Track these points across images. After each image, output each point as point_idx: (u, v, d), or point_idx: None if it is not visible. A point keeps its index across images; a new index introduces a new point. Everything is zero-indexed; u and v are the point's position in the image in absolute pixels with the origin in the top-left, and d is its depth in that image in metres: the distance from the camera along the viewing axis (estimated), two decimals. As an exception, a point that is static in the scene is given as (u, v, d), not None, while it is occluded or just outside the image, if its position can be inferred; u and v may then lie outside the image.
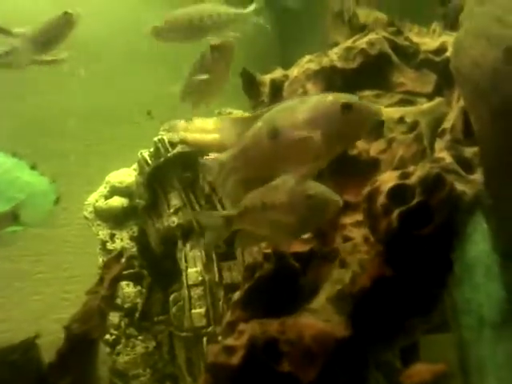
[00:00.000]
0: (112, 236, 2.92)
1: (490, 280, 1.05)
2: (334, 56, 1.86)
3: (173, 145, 2.58)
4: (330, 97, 1.16)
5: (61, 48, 2.21)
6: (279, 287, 1.58)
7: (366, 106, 1.14)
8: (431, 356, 1.63)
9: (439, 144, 1.48)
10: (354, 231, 1.72)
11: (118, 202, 2.93)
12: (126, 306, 2.78)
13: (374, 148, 1.75)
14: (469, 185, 1.34)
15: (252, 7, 1.96)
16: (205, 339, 2.38)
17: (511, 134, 1.13)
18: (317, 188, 1.34)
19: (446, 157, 1.37)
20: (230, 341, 1.42)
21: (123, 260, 2.54)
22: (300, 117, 1.18)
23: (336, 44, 2.08)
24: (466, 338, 1.00)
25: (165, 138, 2.60)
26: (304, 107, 1.18)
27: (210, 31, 1.99)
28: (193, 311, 2.46)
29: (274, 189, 1.36)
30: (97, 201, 2.94)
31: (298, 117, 1.18)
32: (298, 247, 1.76)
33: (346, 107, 1.12)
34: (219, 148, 2.37)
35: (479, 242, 1.11)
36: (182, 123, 2.57)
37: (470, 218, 1.14)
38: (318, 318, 1.45)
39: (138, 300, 2.79)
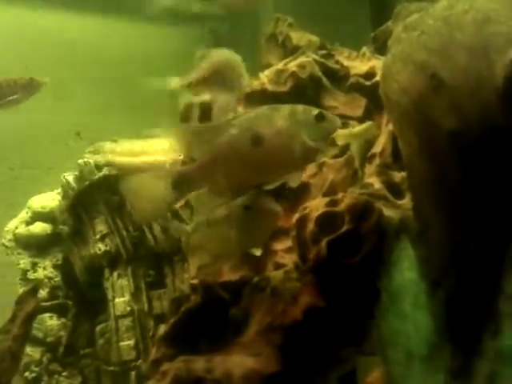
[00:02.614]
0: (34, 265, 2.74)
1: (417, 310, 1.01)
2: (264, 79, 1.82)
3: (99, 168, 2.46)
4: (301, 107, 1.23)
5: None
6: (207, 320, 1.50)
7: (333, 117, 1.24)
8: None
9: (369, 169, 1.46)
10: (286, 257, 1.67)
11: (40, 228, 2.77)
12: (49, 339, 2.60)
13: (305, 172, 1.72)
14: (398, 210, 1.32)
15: None
16: (133, 373, 2.25)
17: (438, 161, 1.12)
18: (256, 198, 1.30)
19: (375, 182, 1.35)
20: (152, 383, 1.31)
21: (43, 293, 2.38)
22: (280, 124, 1.21)
23: (269, 66, 2.06)
24: (394, 374, 0.96)
25: (90, 160, 2.47)
26: (280, 115, 1.22)
27: None
28: (121, 343, 2.33)
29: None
30: (17, 227, 2.76)
31: (278, 124, 1.21)
32: (229, 275, 1.69)
33: (320, 116, 1.21)
34: (148, 171, 2.28)
35: (406, 270, 1.08)
36: (108, 145, 2.45)
37: (396, 244, 1.11)
38: (248, 353, 1.38)
39: (62, 333, 2.61)
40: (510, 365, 0.76)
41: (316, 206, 1.35)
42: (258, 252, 1.49)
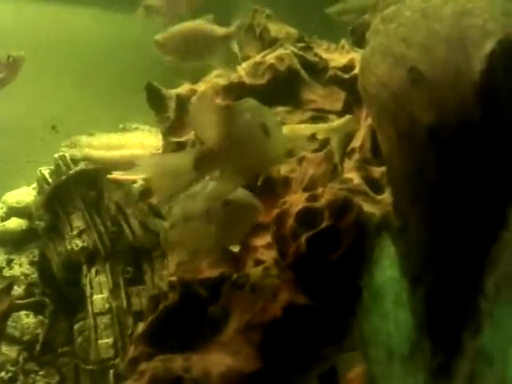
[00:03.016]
0: (9, 262, 2.69)
1: (398, 308, 1.00)
2: (242, 71, 1.79)
3: (75, 162, 2.41)
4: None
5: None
6: (186, 318, 1.47)
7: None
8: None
9: (348, 164, 1.44)
10: (266, 253, 1.65)
11: (15, 223, 2.72)
12: (26, 338, 2.55)
13: (285, 166, 1.70)
14: (377, 206, 1.31)
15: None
16: (112, 372, 2.22)
17: (417, 156, 1.11)
18: (235, 192, 1.27)
19: (355, 177, 1.34)
20: (129, 383, 1.29)
21: (19, 290, 2.34)
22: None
23: (247, 58, 2.03)
24: (375, 373, 0.95)
25: (66, 154, 2.42)
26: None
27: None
28: (99, 341, 2.31)
29: (193, 197, 1.31)
30: (-9, 223, 2.71)
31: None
32: (208, 272, 1.67)
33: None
34: (126, 165, 2.24)
35: (387, 268, 1.06)
36: (84, 139, 2.40)
37: (377, 241, 1.10)
38: (227, 351, 1.36)
39: (39, 331, 2.57)
40: (490, 364, 0.75)
41: (296, 201, 1.33)
42: (235, 248, 1.46)
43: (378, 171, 1.38)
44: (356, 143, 1.49)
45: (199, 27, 2.01)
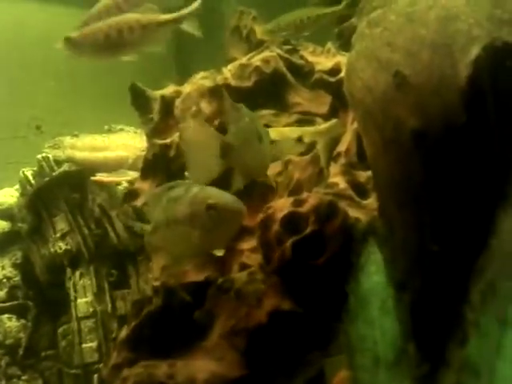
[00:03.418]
0: (-9, 264, 2.64)
1: (385, 315, 0.99)
2: (227, 73, 1.77)
3: (59, 163, 2.38)
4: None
5: None
6: (169, 324, 1.46)
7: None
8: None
9: (334, 168, 1.43)
10: (252, 257, 1.63)
11: (-3, 225, 2.66)
12: (8, 342, 2.51)
13: (271, 170, 1.68)
14: (363, 211, 1.30)
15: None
16: (96, 376, 2.19)
17: (403, 161, 1.10)
18: (219, 196, 1.24)
19: (340, 182, 1.33)
20: (111, 390, 1.27)
21: (2, 293, 2.30)
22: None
23: (233, 60, 2.01)
24: (361, 380, 0.94)
25: (50, 155, 2.39)
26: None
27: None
28: (83, 345, 2.28)
29: (175, 200, 1.29)
30: (-28, 225, 2.66)
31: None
32: (193, 276, 1.65)
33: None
34: (110, 167, 2.22)
35: (374, 274, 1.05)
36: (68, 140, 2.37)
37: (363, 247, 1.09)
38: (211, 357, 1.34)
39: (22, 335, 2.53)
40: (476, 376, 0.74)
41: (280, 206, 1.32)
42: (220, 252, 1.45)
43: (363, 176, 1.37)
44: (342, 147, 1.48)
45: (125, 19, 1.81)
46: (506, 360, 0.73)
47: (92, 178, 2.21)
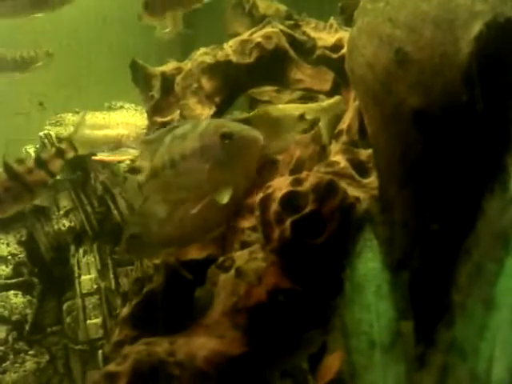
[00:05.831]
0: (-4, 241, 2.66)
1: (380, 299, 0.99)
2: (228, 50, 1.74)
3: (61, 140, 2.37)
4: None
5: None
6: (171, 301, 1.47)
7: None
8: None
9: (335, 146, 1.42)
10: (253, 236, 1.63)
11: (2, 203, 2.67)
12: (15, 318, 2.54)
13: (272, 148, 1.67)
14: (363, 189, 1.29)
15: None
16: (101, 352, 2.22)
17: (403, 138, 1.08)
18: (233, 125, 1.11)
19: (341, 160, 1.31)
20: (112, 367, 1.28)
21: (7, 270, 2.32)
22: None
23: (236, 35, 1.98)
24: (356, 363, 0.94)
25: (52, 133, 2.38)
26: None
27: None
28: (88, 322, 2.30)
29: (182, 137, 1.16)
30: (-24, 203, 2.66)
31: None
32: (195, 254, 1.66)
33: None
34: (111, 145, 2.21)
35: (370, 260, 1.05)
36: (70, 117, 2.36)
37: (360, 234, 1.08)
38: (212, 334, 1.35)
39: (28, 311, 2.56)
40: (461, 356, 0.74)
41: (280, 185, 1.31)
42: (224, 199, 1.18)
43: (364, 154, 1.36)
44: (343, 125, 1.46)
45: None
46: (489, 341, 0.73)
47: (93, 157, 2.20)
